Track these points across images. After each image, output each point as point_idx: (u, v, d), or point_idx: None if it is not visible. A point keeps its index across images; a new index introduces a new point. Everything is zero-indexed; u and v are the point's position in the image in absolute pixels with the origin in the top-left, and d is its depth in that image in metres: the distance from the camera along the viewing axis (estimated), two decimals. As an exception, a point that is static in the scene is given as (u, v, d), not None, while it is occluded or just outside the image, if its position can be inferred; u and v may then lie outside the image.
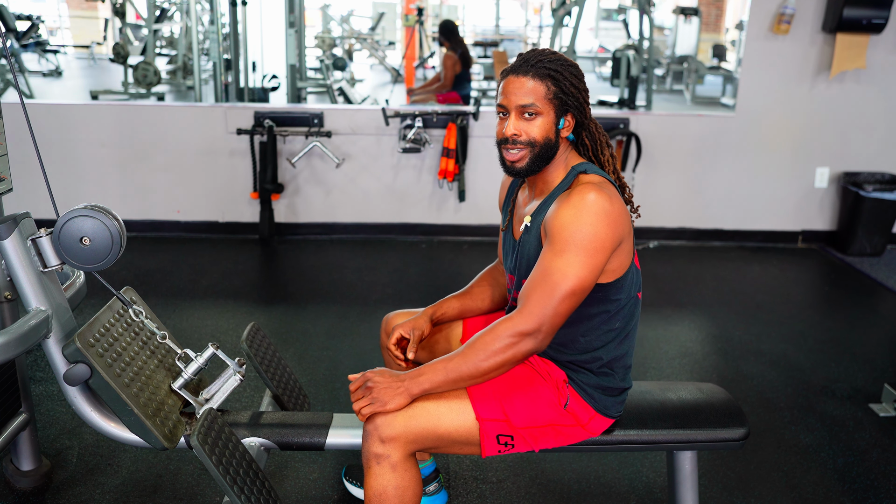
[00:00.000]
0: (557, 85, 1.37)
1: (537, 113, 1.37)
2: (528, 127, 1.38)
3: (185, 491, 1.90)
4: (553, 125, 1.39)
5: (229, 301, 3.22)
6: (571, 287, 1.30)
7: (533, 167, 1.41)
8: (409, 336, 1.60)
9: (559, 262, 1.30)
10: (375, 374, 1.37)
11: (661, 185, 4.15)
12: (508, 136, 1.39)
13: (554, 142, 1.40)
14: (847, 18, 3.78)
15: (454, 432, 1.37)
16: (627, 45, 7.77)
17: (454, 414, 1.37)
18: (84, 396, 1.56)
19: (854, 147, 4.14)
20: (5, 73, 6.89)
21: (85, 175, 4.00)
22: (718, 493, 1.96)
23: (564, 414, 1.43)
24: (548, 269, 1.31)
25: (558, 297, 1.30)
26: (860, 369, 2.70)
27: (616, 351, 1.45)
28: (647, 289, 3.48)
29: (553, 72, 1.37)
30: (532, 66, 1.37)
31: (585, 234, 1.29)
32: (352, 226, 4.16)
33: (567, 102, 1.39)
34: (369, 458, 1.35)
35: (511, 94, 1.38)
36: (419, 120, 3.87)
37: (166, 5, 8.67)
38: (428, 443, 1.37)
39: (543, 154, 1.40)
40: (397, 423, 1.33)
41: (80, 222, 1.42)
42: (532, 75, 1.36)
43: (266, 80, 5.78)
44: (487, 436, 1.38)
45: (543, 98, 1.37)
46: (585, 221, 1.29)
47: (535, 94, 1.36)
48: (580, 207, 1.30)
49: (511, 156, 1.40)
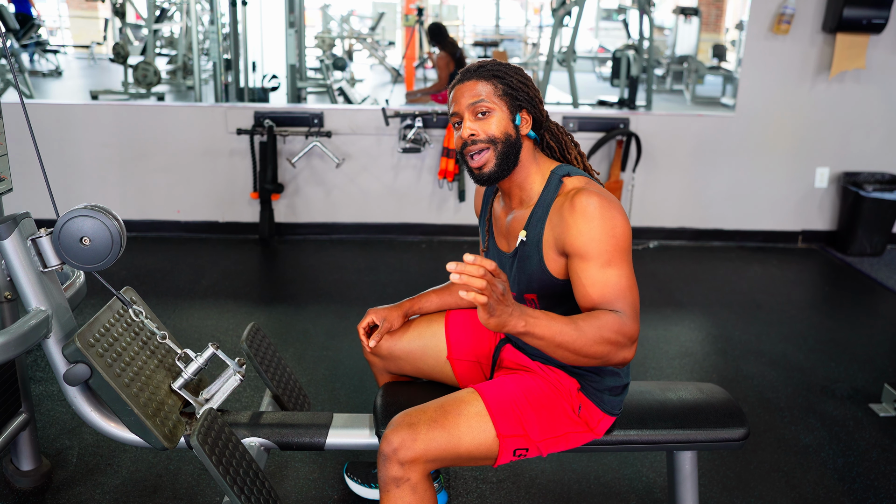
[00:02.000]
0: (504, 82, 1.38)
1: (489, 109, 1.37)
2: (484, 125, 1.37)
3: (185, 491, 1.90)
4: (510, 121, 1.38)
5: (229, 301, 3.22)
6: (636, 291, 1.30)
7: (501, 169, 1.38)
8: (378, 323, 1.65)
9: (612, 274, 1.28)
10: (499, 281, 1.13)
11: (661, 185, 4.15)
12: (466, 137, 1.38)
13: (515, 138, 1.38)
14: (847, 18, 3.78)
15: (474, 450, 1.36)
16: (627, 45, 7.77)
17: (474, 433, 1.35)
18: (84, 396, 1.56)
19: (854, 147, 4.14)
20: (5, 73, 6.89)
21: (85, 175, 4.00)
22: (718, 493, 1.96)
23: (577, 421, 1.43)
24: (609, 282, 1.28)
25: (637, 307, 1.29)
26: (860, 369, 2.70)
27: None
28: (648, 289, 3.48)
29: (497, 71, 1.38)
30: (475, 72, 1.39)
31: (619, 238, 1.29)
32: (352, 226, 4.16)
33: (517, 97, 1.39)
34: (388, 481, 1.32)
35: (460, 98, 1.39)
36: (419, 120, 3.87)
37: (166, 5, 8.67)
38: (447, 462, 1.36)
39: (507, 153, 1.37)
40: (417, 445, 1.30)
41: (80, 222, 1.42)
42: (476, 78, 1.38)
43: (266, 80, 5.78)
44: (506, 450, 1.37)
45: (493, 95, 1.37)
46: (610, 226, 1.28)
47: (482, 92, 1.37)
48: (595, 217, 1.28)
49: (475, 161, 1.38)
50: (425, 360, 1.68)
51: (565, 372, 1.46)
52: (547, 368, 1.47)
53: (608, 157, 4.08)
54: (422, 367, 1.69)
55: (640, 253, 4.04)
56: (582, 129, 4.04)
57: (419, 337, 1.67)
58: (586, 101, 6.51)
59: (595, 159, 4.08)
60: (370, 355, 1.73)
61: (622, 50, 6.74)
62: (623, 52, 6.38)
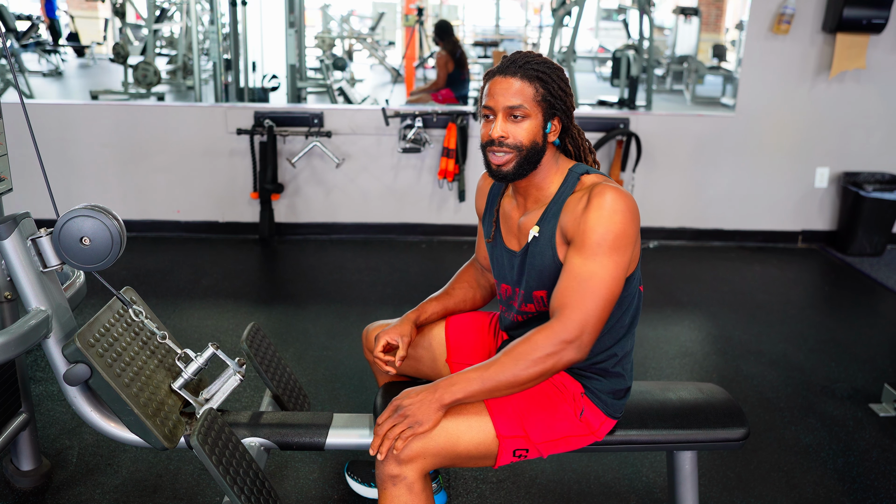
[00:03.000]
0: (546, 87, 1.34)
1: (525, 115, 1.34)
2: (516, 129, 1.34)
3: (185, 491, 1.90)
4: (541, 128, 1.36)
5: (229, 301, 3.22)
6: (610, 290, 1.28)
7: (519, 171, 1.38)
8: (395, 342, 1.56)
9: (592, 265, 1.27)
10: (404, 397, 1.30)
11: (661, 185, 4.15)
12: (495, 137, 1.35)
13: (541, 146, 1.37)
14: (847, 18, 3.78)
15: (473, 450, 1.35)
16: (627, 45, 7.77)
17: (473, 432, 1.34)
18: (84, 396, 1.56)
19: (854, 147, 4.14)
20: (5, 73, 6.89)
21: (85, 175, 4.00)
22: (718, 493, 1.96)
23: (579, 424, 1.42)
24: (582, 275, 1.28)
25: (599, 302, 1.27)
26: (860, 369, 2.70)
27: (627, 345, 1.46)
28: (648, 289, 3.48)
29: (542, 73, 1.34)
30: (520, 67, 1.34)
31: (616, 235, 1.28)
32: (352, 226, 4.16)
33: (555, 106, 1.36)
34: (385, 479, 1.31)
35: (498, 94, 1.34)
36: (419, 120, 3.87)
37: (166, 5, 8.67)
38: (445, 461, 1.35)
39: (530, 158, 1.37)
40: (415, 443, 1.29)
41: (80, 222, 1.41)
42: (521, 76, 1.33)
43: (266, 80, 5.78)
44: (505, 451, 1.37)
45: (532, 100, 1.34)
46: (613, 221, 1.28)
47: (523, 95, 1.33)
48: (604, 209, 1.28)
49: (497, 159, 1.37)
50: (426, 361, 1.67)
51: (570, 375, 1.45)
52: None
53: (608, 157, 4.08)
54: (422, 368, 1.69)
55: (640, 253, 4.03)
56: (582, 129, 4.03)
57: (420, 339, 1.67)
58: (586, 101, 6.52)
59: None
60: (370, 354, 1.72)
61: (622, 50, 6.74)
62: (623, 52, 6.38)
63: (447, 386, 1.30)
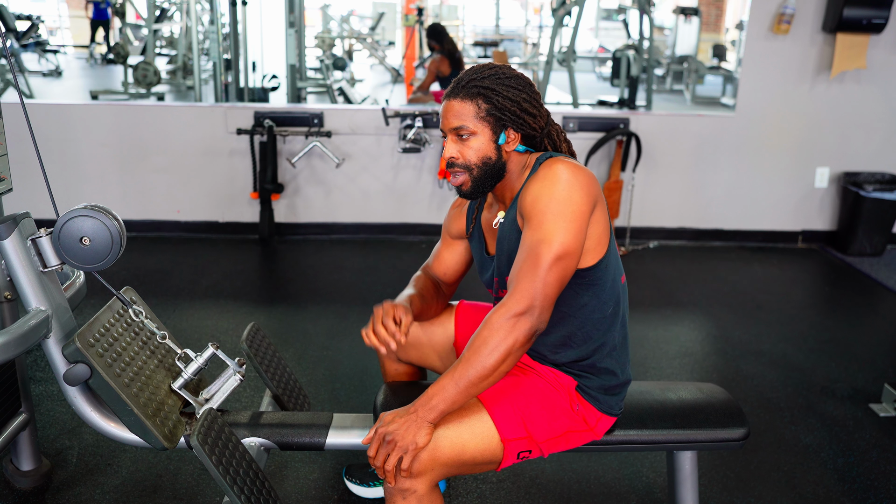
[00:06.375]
0: (489, 101, 1.35)
1: (471, 133, 1.36)
2: (464, 149, 1.37)
3: (185, 491, 1.90)
4: (491, 143, 1.37)
5: (229, 301, 3.22)
6: (556, 252, 1.26)
7: (478, 189, 1.41)
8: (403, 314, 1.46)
9: (539, 233, 1.27)
10: (386, 424, 1.28)
11: (661, 185, 4.15)
12: (447, 158, 1.40)
13: (495, 160, 1.38)
14: (847, 18, 3.78)
15: (479, 456, 1.35)
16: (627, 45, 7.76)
17: (478, 439, 1.34)
18: (84, 396, 1.56)
19: (854, 147, 4.14)
20: (5, 73, 6.89)
21: (85, 175, 4.00)
22: (718, 493, 1.96)
23: (576, 418, 1.43)
24: (530, 246, 1.28)
25: (545, 266, 1.25)
26: (860, 369, 2.70)
27: (615, 338, 1.45)
28: (648, 289, 3.49)
29: (483, 89, 1.35)
30: (463, 87, 1.36)
31: (560, 200, 1.27)
32: (352, 226, 4.16)
33: (502, 118, 1.37)
34: (394, 493, 1.31)
35: (444, 117, 1.38)
36: (419, 120, 3.87)
37: (166, 5, 8.68)
38: (452, 470, 1.34)
39: (487, 174, 1.39)
40: (423, 456, 1.28)
41: (80, 222, 1.41)
42: (461, 97, 1.36)
43: (266, 80, 5.78)
44: (510, 454, 1.37)
45: (474, 117, 1.35)
46: (557, 188, 1.28)
47: (464, 114, 1.35)
48: (549, 178, 1.30)
49: (455, 181, 1.41)
50: (432, 345, 1.68)
51: (562, 371, 1.45)
52: (545, 368, 1.47)
53: (608, 157, 4.08)
54: (428, 353, 1.69)
55: (640, 253, 4.04)
56: (582, 129, 4.05)
57: (429, 324, 1.68)
58: (586, 101, 6.52)
59: (595, 159, 4.08)
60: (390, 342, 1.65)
61: (622, 50, 6.74)
62: (623, 52, 6.38)
63: (426, 403, 1.28)
